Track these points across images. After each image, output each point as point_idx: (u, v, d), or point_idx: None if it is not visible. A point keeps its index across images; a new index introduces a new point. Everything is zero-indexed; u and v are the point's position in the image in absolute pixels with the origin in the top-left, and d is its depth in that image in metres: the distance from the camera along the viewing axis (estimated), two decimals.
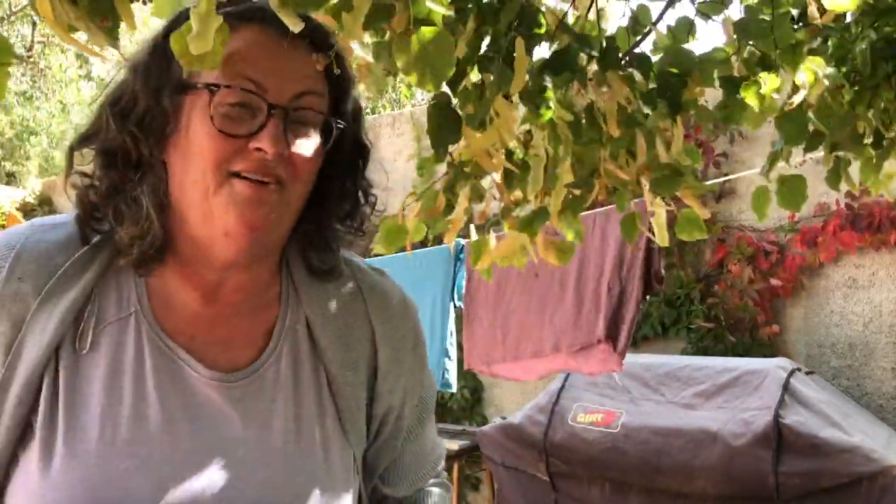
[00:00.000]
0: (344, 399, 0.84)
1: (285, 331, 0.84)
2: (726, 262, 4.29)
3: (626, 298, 3.05)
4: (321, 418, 0.82)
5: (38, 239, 0.78)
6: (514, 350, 3.42)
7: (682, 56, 1.18)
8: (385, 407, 0.89)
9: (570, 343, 3.19)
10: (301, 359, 0.83)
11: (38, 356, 0.73)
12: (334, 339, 0.85)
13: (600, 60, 1.15)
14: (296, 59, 0.77)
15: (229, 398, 0.78)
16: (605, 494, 3.66)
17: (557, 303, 3.29)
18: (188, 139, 0.75)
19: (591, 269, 3.19)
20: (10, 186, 9.30)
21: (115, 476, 0.71)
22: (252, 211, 0.74)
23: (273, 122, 0.74)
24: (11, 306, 0.74)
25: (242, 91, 0.74)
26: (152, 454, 0.73)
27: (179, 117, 0.75)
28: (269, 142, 0.73)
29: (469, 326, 3.61)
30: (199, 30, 0.62)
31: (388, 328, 0.89)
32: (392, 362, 0.89)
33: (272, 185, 0.75)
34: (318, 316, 0.85)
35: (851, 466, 3.06)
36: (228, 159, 0.74)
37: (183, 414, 0.76)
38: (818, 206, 4.11)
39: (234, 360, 0.80)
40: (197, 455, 0.74)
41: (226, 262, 0.78)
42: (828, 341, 4.09)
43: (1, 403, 0.72)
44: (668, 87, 1.16)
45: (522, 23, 1.12)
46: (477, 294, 3.59)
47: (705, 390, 3.54)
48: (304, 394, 0.82)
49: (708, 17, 1.21)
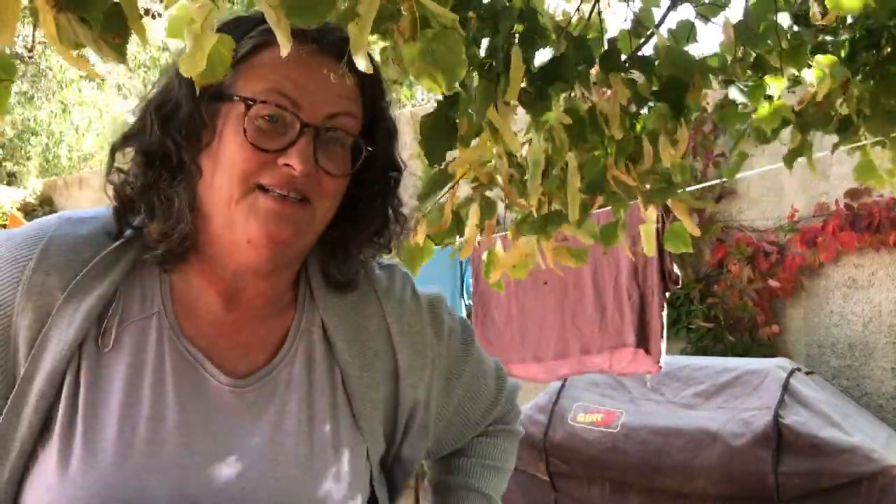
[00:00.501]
0: (359, 400, 0.84)
1: (300, 333, 0.85)
2: (726, 262, 4.30)
3: (646, 301, 3.05)
4: (334, 419, 0.83)
5: (66, 232, 0.78)
6: (534, 351, 3.42)
7: (682, 60, 1.18)
8: (411, 402, 0.89)
9: (599, 346, 3.20)
10: (315, 360, 0.84)
11: (63, 351, 0.74)
12: (349, 340, 0.86)
13: (602, 63, 1.15)
14: (332, 78, 0.78)
15: (244, 402, 0.79)
16: (604, 494, 3.66)
17: (577, 304, 3.29)
18: (220, 146, 0.76)
19: (605, 271, 3.20)
20: (11, 186, 9.30)
21: (132, 475, 0.72)
22: (275, 225, 0.76)
23: (304, 140, 0.75)
24: (38, 299, 0.74)
25: (277, 107, 0.75)
26: (169, 455, 0.74)
27: (215, 124, 0.77)
28: (297, 159, 0.75)
29: (480, 326, 3.61)
30: (192, 49, 0.62)
31: (404, 326, 0.90)
32: (413, 358, 0.89)
33: (297, 201, 0.76)
34: (334, 318, 0.86)
35: (851, 466, 3.06)
36: (256, 172, 0.75)
37: (200, 417, 0.77)
38: (817, 207, 4.11)
39: (251, 364, 0.81)
40: (212, 457, 0.75)
41: (247, 268, 0.80)
42: (827, 341, 4.10)
43: (25, 395, 0.73)
44: (672, 89, 1.16)
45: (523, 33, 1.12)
46: (488, 294, 3.60)
47: (705, 390, 3.55)
48: (317, 395, 0.83)
49: (708, 19, 1.22)
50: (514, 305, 3.50)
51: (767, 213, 4.30)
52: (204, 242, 0.80)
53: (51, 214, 0.83)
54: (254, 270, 0.80)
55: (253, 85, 0.75)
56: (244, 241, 0.77)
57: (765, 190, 4.30)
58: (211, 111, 0.76)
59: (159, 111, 0.78)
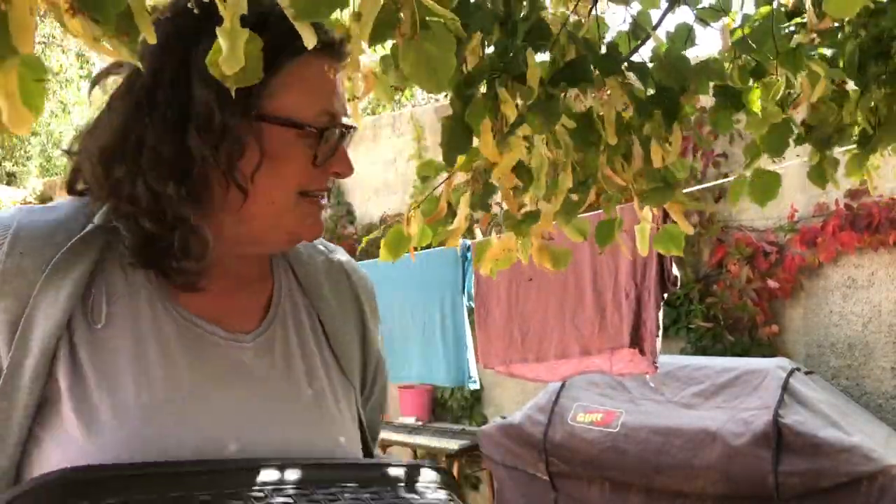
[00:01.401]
0: (343, 351, 0.92)
1: (283, 294, 0.90)
2: (725, 261, 4.30)
3: (643, 303, 3.06)
4: (326, 369, 0.89)
5: (35, 219, 0.79)
6: (535, 351, 3.43)
7: (678, 64, 1.19)
8: (374, 362, 0.98)
9: (598, 346, 3.21)
10: (301, 317, 0.90)
11: (51, 330, 0.74)
12: (327, 296, 0.93)
13: (599, 66, 1.16)
14: (340, 82, 0.84)
15: (249, 356, 0.83)
16: (604, 494, 3.67)
17: (577, 305, 3.29)
18: (277, 163, 0.79)
19: (605, 271, 3.20)
20: (11, 186, 9.30)
21: (158, 434, 0.74)
22: (318, 223, 0.85)
23: (344, 146, 0.83)
24: (14, 281, 0.74)
25: (332, 126, 0.81)
26: (189, 412, 0.77)
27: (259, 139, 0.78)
28: (346, 165, 0.84)
29: (482, 326, 3.62)
30: (229, 47, 0.62)
31: (367, 292, 1.00)
32: (372, 319, 0.99)
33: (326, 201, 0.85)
34: (310, 278, 0.93)
35: (851, 466, 3.07)
36: (309, 184, 0.82)
37: (211, 373, 0.80)
38: (817, 207, 4.12)
39: (245, 324, 0.85)
40: (229, 411, 0.79)
41: (270, 251, 0.88)
42: (827, 341, 4.10)
43: (17, 379, 0.73)
44: (665, 97, 1.17)
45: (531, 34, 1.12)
46: (488, 294, 3.61)
47: (705, 390, 3.55)
48: (310, 350, 0.89)
49: (707, 23, 1.22)
50: (516, 306, 3.50)
51: (767, 213, 4.31)
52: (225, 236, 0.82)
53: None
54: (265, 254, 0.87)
55: (303, 106, 0.79)
56: (283, 235, 0.84)
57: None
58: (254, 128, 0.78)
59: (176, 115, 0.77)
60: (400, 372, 3.94)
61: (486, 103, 1.07)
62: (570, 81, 1.10)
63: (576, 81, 1.11)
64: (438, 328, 3.74)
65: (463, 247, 3.71)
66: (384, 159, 5.76)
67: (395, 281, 3.93)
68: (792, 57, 1.08)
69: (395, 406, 5.47)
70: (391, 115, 6.04)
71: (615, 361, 3.22)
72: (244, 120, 0.77)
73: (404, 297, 3.86)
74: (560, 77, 1.10)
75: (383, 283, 4.56)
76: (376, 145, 5.82)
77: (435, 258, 3.81)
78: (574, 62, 1.12)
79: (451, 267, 3.74)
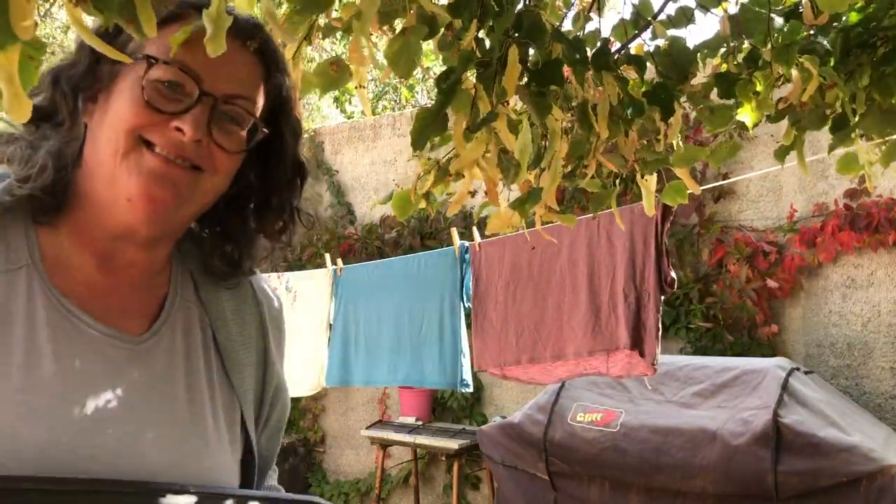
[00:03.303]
0: (236, 373, 0.87)
1: (177, 304, 0.86)
2: (725, 261, 4.30)
3: (642, 305, 3.05)
4: (211, 389, 0.84)
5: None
6: (529, 352, 3.42)
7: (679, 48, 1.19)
8: (273, 390, 0.94)
9: (591, 348, 3.20)
10: (193, 332, 0.85)
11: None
12: (228, 317, 0.89)
13: (593, 61, 1.17)
14: (238, 63, 0.79)
15: (126, 358, 0.78)
16: (604, 493, 3.67)
17: (573, 306, 3.29)
18: (111, 101, 0.76)
19: (602, 272, 3.19)
20: None
21: (4, 423, 0.69)
22: (158, 185, 0.75)
23: (199, 108, 0.76)
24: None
25: (180, 72, 0.75)
26: (44, 404, 0.71)
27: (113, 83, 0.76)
28: (190, 124, 0.75)
29: (479, 328, 3.62)
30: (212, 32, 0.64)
31: (273, 316, 0.95)
32: (275, 346, 0.94)
33: (184, 167, 0.76)
34: (212, 295, 0.89)
35: (850, 466, 3.07)
36: (145, 128, 0.75)
37: (79, 367, 0.75)
38: (816, 207, 4.12)
39: (129, 326, 0.80)
40: (89, 407, 0.73)
41: (124, 229, 0.79)
42: (826, 341, 4.11)
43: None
44: (663, 91, 1.17)
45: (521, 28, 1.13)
46: (486, 296, 3.60)
47: (704, 389, 3.55)
48: (196, 365, 0.84)
49: (707, 9, 1.23)
50: (512, 307, 3.50)
51: (766, 213, 4.31)
52: (83, 201, 0.79)
53: None
54: (131, 233, 0.79)
55: (159, 51, 0.75)
56: (124, 198, 0.76)
57: (763, 190, 4.31)
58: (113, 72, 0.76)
59: (54, 70, 0.78)
60: (393, 375, 3.94)
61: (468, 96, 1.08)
62: (542, 83, 1.11)
63: (547, 83, 1.12)
64: (436, 330, 3.74)
65: (461, 249, 3.71)
66: (384, 159, 5.77)
67: (393, 282, 3.94)
68: (785, 52, 1.09)
69: (395, 406, 5.47)
70: (391, 115, 6.05)
71: (612, 363, 3.22)
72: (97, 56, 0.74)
73: (402, 298, 3.86)
74: (532, 78, 1.11)
75: (381, 284, 4.57)
76: (376, 145, 5.82)
77: (433, 261, 3.81)
78: (548, 64, 1.13)
79: (449, 270, 3.74)
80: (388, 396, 5.57)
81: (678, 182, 1.45)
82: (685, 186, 1.44)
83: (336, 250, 5.29)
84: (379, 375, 4.01)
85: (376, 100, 9.96)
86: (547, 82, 1.14)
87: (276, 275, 4.59)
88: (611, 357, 3.20)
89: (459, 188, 1.34)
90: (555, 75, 1.14)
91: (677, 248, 4.43)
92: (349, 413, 5.80)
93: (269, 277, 4.58)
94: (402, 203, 1.37)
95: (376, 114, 8.08)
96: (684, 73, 1.18)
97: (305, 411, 5.95)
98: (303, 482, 5.79)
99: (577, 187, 1.43)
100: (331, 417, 5.90)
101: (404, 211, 1.37)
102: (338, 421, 5.87)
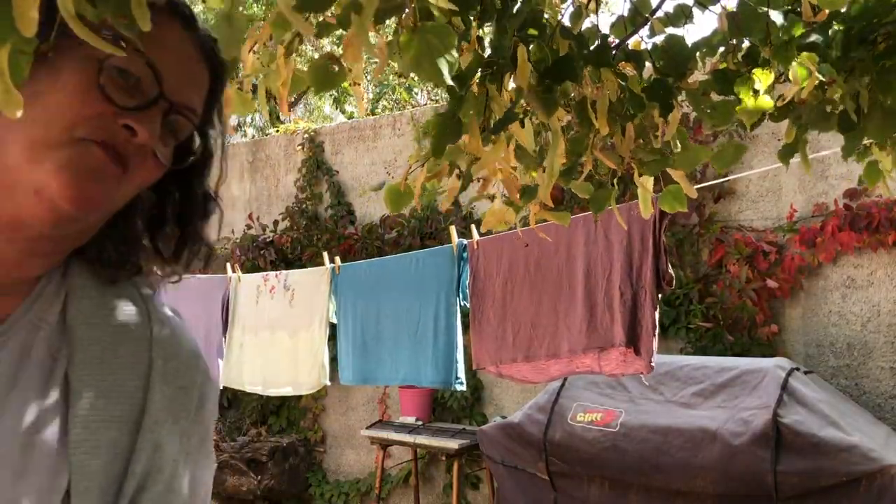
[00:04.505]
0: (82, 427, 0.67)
1: (22, 323, 0.68)
2: (725, 261, 4.30)
3: (639, 303, 3.05)
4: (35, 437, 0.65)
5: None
6: (525, 350, 3.42)
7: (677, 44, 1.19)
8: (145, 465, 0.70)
9: (586, 346, 3.20)
10: (31, 361, 0.67)
11: None
12: (95, 356, 0.70)
13: (594, 58, 1.17)
14: (197, 74, 0.73)
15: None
16: (604, 493, 3.67)
17: (568, 304, 3.29)
18: (45, 78, 0.63)
19: (598, 271, 3.19)
20: None
21: None
22: (93, 183, 0.64)
23: (157, 109, 0.67)
24: None
25: (145, 65, 0.66)
26: None
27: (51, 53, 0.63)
28: (146, 127, 0.65)
29: (476, 326, 3.62)
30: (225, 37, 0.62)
31: (171, 369, 0.74)
32: (164, 412, 0.72)
33: (118, 168, 0.66)
34: (83, 325, 0.71)
35: (850, 465, 3.07)
36: (88, 120, 0.64)
37: None
38: (816, 207, 4.12)
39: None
40: None
41: (8, 221, 0.65)
42: (826, 341, 4.11)
43: None
44: (662, 87, 1.17)
45: (525, 26, 1.13)
46: (484, 293, 3.60)
47: (704, 389, 3.55)
48: (21, 400, 0.65)
49: (705, 6, 1.23)
50: (510, 305, 3.50)
51: (766, 213, 4.31)
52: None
53: None
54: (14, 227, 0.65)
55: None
56: (29, 190, 0.63)
57: (763, 190, 4.31)
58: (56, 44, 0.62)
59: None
60: (390, 374, 3.94)
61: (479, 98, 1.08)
62: (556, 79, 1.11)
63: (561, 79, 1.12)
64: (431, 328, 3.74)
65: (459, 246, 3.71)
66: (384, 159, 5.77)
67: (391, 280, 3.94)
68: (784, 50, 1.09)
69: (395, 406, 5.47)
70: (391, 115, 6.05)
71: (604, 362, 3.21)
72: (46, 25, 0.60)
73: (399, 296, 3.87)
74: (546, 74, 1.10)
75: (378, 282, 4.57)
76: (376, 145, 5.82)
77: (431, 258, 3.81)
78: (561, 60, 1.13)
79: (446, 267, 3.74)
80: (388, 396, 5.57)
81: (676, 187, 1.45)
82: (683, 192, 1.44)
83: (336, 250, 5.29)
84: (379, 375, 4.01)
85: (376, 100, 9.97)
86: (562, 78, 1.14)
87: (275, 273, 4.60)
88: (603, 355, 3.19)
89: (451, 183, 1.34)
90: (569, 70, 1.14)
91: (677, 247, 4.43)
92: (349, 413, 5.81)
93: (267, 275, 4.60)
94: (394, 196, 1.36)
95: (376, 114, 8.09)
96: (682, 71, 1.18)
97: (305, 411, 5.95)
98: (303, 482, 5.79)
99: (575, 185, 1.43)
100: (331, 417, 5.90)
101: (397, 204, 1.36)
102: (338, 421, 5.87)
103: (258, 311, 4.56)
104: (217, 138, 0.78)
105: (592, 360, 3.23)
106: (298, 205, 6.07)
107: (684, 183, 1.38)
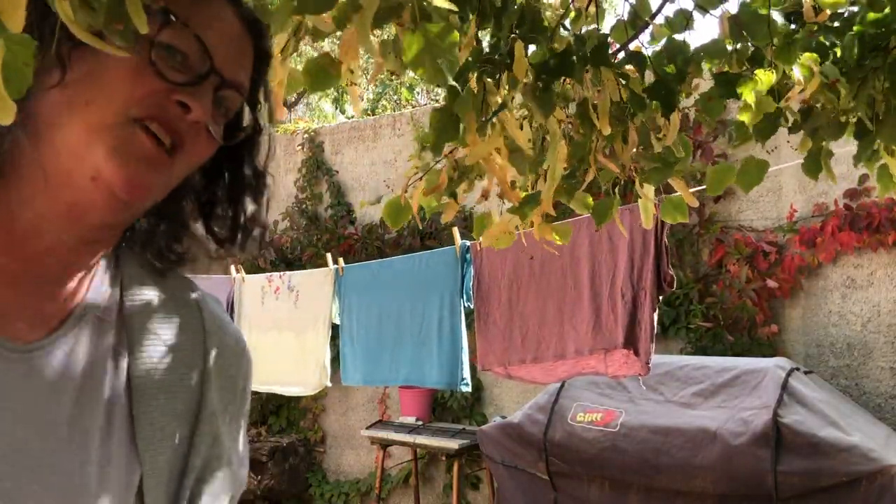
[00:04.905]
0: (146, 420, 0.68)
1: (89, 315, 0.68)
2: (725, 261, 4.30)
3: (639, 303, 3.06)
4: (107, 430, 0.66)
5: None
6: (533, 352, 3.43)
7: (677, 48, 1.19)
8: (204, 456, 0.72)
9: (591, 347, 3.21)
10: (101, 357, 0.68)
11: None
12: (156, 350, 0.71)
13: (593, 58, 1.17)
14: (246, 51, 0.71)
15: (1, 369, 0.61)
16: (604, 493, 3.67)
17: (575, 306, 3.30)
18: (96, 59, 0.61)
19: (603, 272, 3.21)
20: None
21: None
22: (144, 172, 0.63)
23: (209, 84, 0.66)
24: None
25: (196, 41, 0.65)
26: None
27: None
28: (199, 102, 0.64)
29: (482, 327, 3.62)
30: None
31: (222, 359, 0.76)
32: (219, 402, 0.75)
33: (168, 151, 0.65)
34: (141, 318, 0.71)
35: (850, 465, 3.07)
36: (140, 101, 0.63)
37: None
38: (816, 207, 4.12)
39: (16, 330, 0.63)
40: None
41: (67, 209, 0.64)
42: (826, 341, 4.11)
43: None
44: (662, 87, 1.17)
45: (523, 24, 1.13)
46: (489, 295, 3.61)
47: (704, 389, 3.55)
48: (92, 397, 0.66)
49: (706, 10, 1.23)
50: (516, 307, 3.51)
51: (766, 213, 4.31)
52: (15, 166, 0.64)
53: None
54: (76, 216, 0.64)
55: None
56: (87, 177, 0.62)
57: (763, 190, 4.31)
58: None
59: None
60: (394, 375, 3.95)
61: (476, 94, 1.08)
62: (553, 74, 1.11)
63: (559, 75, 1.11)
64: (435, 330, 3.74)
65: (462, 248, 3.71)
66: (384, 159, 5.77)
67: (394, 282, 3.94)
68: (786, 51, 1.09)
69: (395, 406, 5.47)
70: (391, 115, 6.05)
71: (609, 363, 3.22)
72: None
73: (403, 298, 3.87)
74: (544, 70, 1.10)
75: (382, 283, 4.59)
76: (376, 145, 5.82)
77: (434, 260, 3.82)
78: (558, 56, 1.12)
79: (449, 269, 3.75)
80: (388, 396, 5.57)
81: (677, 197, 1.45)
82: (683, 201, 1.44)
83: (336, 250, 5.29)
84: (383, 375, 4.02)
85: (376, 100, 9.97)
86: (559, 74, 1.14)
87: (279, 274, 4.60)
88: (608, 356, 3.21)
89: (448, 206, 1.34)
90: (566, 67, 1.13)
91: (677, 248, 4.43)
92: (349, 413, 5.80)
93: (271, 276, 4.60)
94: (394, 211, 1.36)
95: (376, 114, 8.09)
96: (682, 74, 1.18)
97: (306, 411, 5.95)
98: (303, 482, 5.79)
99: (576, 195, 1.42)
100: (331, 417, 5.90)
101: (396, 219, 1.35)
102: (338, 421, 5.87)
103: (264, 311, 4.57)
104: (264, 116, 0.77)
105: (598, 362, 3.24)
106: (298, 205, 6.07)
107: (685, 191, 1.38)
